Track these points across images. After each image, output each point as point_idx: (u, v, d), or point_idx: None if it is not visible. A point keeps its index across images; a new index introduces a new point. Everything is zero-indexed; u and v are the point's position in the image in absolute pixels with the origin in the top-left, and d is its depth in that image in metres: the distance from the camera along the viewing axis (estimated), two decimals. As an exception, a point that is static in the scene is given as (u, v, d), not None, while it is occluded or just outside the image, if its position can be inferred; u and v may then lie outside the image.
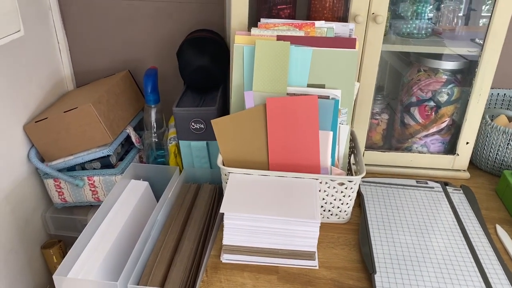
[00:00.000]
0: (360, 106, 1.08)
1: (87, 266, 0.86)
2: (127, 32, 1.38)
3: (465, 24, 1.12)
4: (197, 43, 1.18)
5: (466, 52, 1.06)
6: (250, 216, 0.80)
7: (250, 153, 0.92)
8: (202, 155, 1.15)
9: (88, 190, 1.24)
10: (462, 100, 1.11)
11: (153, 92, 1.21)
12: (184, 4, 1.33)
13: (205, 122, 1.10)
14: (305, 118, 0.89)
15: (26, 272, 1.23)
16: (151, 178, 1.17)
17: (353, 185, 0.90)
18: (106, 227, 0.96)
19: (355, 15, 0.97)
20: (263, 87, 0.92)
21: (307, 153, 0.91)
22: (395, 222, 0.94)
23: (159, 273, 0.84)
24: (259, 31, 0.93)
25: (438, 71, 1.08)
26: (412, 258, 0.84)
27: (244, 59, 0.93)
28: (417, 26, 1.08)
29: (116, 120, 1.23)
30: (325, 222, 0.96)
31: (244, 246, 0.83)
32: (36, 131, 1.18)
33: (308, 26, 0.94)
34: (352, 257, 0.87)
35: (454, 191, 1.06)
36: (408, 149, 1.17)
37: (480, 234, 0.91)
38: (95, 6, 1.34)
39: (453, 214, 0.97)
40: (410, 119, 1.14)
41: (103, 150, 1.20)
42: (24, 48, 1.18)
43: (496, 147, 1.11)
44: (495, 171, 1.15)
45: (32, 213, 1.25)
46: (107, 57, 1.42)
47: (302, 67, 0.92)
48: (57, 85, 1.36)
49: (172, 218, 0.99)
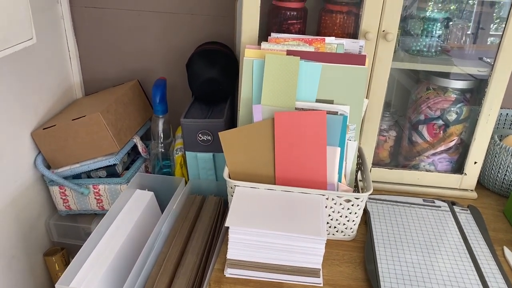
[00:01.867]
0: (368, 122, 1.08)
1: (90, 276, 0.85)
2: (137, 42, 1.39)
3: (473, 43, 1.12)
4: (207, 55, 1.19)
5: (476, 71, 1.06)
6: (255, 231, 0.79)
7: (256, 167, 0.92)
8: (208, 167, 1.14)
9: (93, 199, 1.24)
10: (471, 120, 1.10)
11: (161, 103, 1.21)
12: (195, 16, 1.34)
13: (212, 134, 1.10)
14: (313, 133, 0.89)
15: (27, 279, 1.22)
16: (156, 188, 1.16)
17: (360, 202, 0.89)
18: (110, 237, 0.95)
19: (365, 32, 0.97)
20: (271, 101, 0.92)
21: (314, 168, 0.90)
22: (401, 241, 0.93)
23: (162, 285, 0.84)
24: (269, 46, 0.93)
25: (447, 90, 1.08)
26: (418, 278, 0.83)
27: (253, 73, 0.93)
28: (427, 44, 1.08)
29: (123, 129, 1.24)
30: (330, 239, 0.95)
31: (248, 261, 0.82)
32: (44, 138, 1.19)
33: (318, 41, 0.94)
34: (357, 275, 0.85)
35: (461, 211, 1.05)
36: (415, 167, 1.16)
37: (487, 255, 0.90)
38: (106, 15, 1.36)
39: (460, 234, 0.96)
40: (418, 137, 1.14)
41: (109, 159, 1.20)
42: (35, 56, 1.19)
43: (505, 167, 1.10)
44: (503, 192, 1.14)
45: (36, 220, 1.25)
46: (116, 66, 1.43)
47: (311, 82, 0.92)
48: (66, 93, 1.36)
49: (176, 229, 0.99)
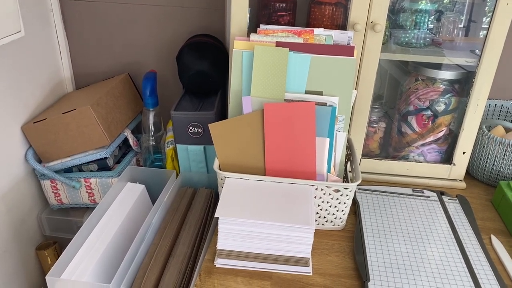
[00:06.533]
0: (358, 113, 1.08)
1: (81, 268, 0.86)
2: (127, 35, 1.38)
3: (465, 36, 1.13)
4: (197, 48, 1.19)
5: (464, 62, 1.07)
6: (244, 221, 0.80)
7: (246, 158, 0.92)
8: (199, 160, 1.15)
9: (84, 192, 1.24)
10: (459, 110, 1.11)
11: (151, 96, 1.21)
12: (185, 9, 1.33)
13: (203, 126, 1.10)
14: (302, 124, 0.89)
15: (20, 273, 1.23)
16: (147, 181, 1.16)
17: (349, 192, 0.90)
18: (101, 229, 0.95)
19: (354, 23, 0.98)
20: (261, 93, 0.92)
21: (304, 159, 0.91)
22: (390, 231, 0.94)
23: (153, 276, 0.84)
24: (258, 37, 0.94)
25: (435, 81, 1.09)
26: (406, 267, 0.84)
27: (242, 65, 0.93)
28: (416, 36, 1.09)
29: (114, 122, 1.24)
30: (320, 229, 0.96)
31: (238, 251, 0.83)
32: (34, 132, 1.18)
33: (307, 33, 0.95)
34: (346, 265, 0.86)
35: (450, 200, 1.06)
36: (404, 158, 1.17)
37: (475, 244, 0.91)
38: (96, 8, 1.35)
39: (448, 223, 0.97)
40: (407, 127, 1.14)
41: (100, 152, 1.20)
42: (25, 49, 1.19)
43: (493, 157, 1.12)
44: (491, 182, 1.15)
45: (28, 214, 1.25)
46: (107, 59, 1.42)
47: (300, 73, 0.93)
48: (57, 87, 1.36)
49: (167, 221, 0.99)
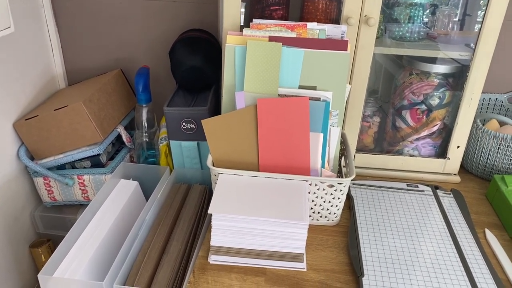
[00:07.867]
0: (352, 108, 1.08)
1: (74, 265, 0.85)
2: (119, 30, 1.37)
3: (460, 29, 1.12)
4: (190, 43, 1.18)
5: (458, 56, 1.06)
6: (238, 217, 0.79)
7: (240, 154, 0.92)
8: (193, 156, 1.14)
9: (77, 189, 1.23)
10: (453, 104, 1.11)
11: (144, 91, 1.20)
12: (177, 3, 1.32)
13: (196, 122, 1.09)
14: (295, 120, 0.89)
15: (13, 271, 1.22)
16: (141, 178, 1.16)
17: (343, 187, 0.89)
18: (94, 226, 0.95)
19: (347, 17, 0.97)
20: (254, 88, 0.92)
21: (297, 154, 0.90)
22: (384, 225, 0.94)
23: (146, 273, 0.84)
24: (251, 32, 0.93)
25: (429, 75, 1.09)
26: (400, 262, 0.84)
27: (235, 60, 0.92)
28: (410, 30, 1.08)
29: (107, 119, 1.23)
30: (314, 224, 0.96)
31: (232, 247, 0.82)
32: (26, 129, 1.17)
33: (300, 27, 0.94)
34: (341, 260, 0.86)
35: (444, 194, 1.06)
36: (399, 152, 1.17)
37: (469, 238, 0.91)
38: (88, 4, 1.33)
39: (442, 217, 0.97)
40: (402, 122, 1.14)
41: (93, 149, 1.19)
42: (16, 45, 1.17)
43: (487, 151, 1.11)
44: (486, 176, 1.15)
45: (21, 212, 1.24)
46: (99, 55, 1.41)
47: (293, 68, 0.92)
48: (49, 83, 1.35)
49: (160, 218, 0.98)
